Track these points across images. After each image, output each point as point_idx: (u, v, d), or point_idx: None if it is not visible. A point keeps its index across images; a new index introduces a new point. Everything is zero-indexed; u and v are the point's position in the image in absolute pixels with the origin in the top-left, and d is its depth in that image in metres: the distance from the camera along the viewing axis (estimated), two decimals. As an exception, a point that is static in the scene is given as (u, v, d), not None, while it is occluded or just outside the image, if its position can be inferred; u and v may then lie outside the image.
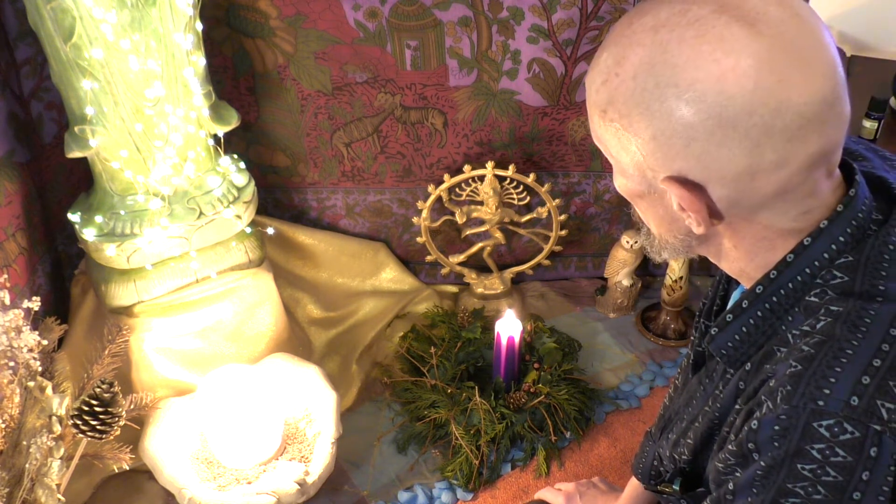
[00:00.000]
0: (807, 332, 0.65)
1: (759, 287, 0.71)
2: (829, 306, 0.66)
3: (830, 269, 0.68)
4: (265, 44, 1.68)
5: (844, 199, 0.69)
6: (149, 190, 1.46)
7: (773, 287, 0.70)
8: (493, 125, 1.79)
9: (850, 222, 0.68)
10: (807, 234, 0.68)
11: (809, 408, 0.60)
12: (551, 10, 1.61)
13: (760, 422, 0.63)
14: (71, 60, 1.30)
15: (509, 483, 1.57)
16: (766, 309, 0.70)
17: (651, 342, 1.91)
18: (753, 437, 0.63)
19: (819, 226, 0.68)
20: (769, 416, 0.62)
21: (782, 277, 0.69)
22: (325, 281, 1.96)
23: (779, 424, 0.62)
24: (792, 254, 0.69)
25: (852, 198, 0.69)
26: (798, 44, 0.61)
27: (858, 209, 0.69)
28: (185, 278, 1.55)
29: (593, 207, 1.95)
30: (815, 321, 0.66)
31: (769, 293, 0.70)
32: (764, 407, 0.63)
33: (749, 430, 0.64)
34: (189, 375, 1.58)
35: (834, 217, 0.68)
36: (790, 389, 0.62)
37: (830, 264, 0.68)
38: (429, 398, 1.66)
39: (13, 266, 1.48)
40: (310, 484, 1.42)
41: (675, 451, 0.84)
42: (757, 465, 0.63)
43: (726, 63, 0.60)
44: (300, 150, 1.84)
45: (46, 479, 1.16)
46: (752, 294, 0.71)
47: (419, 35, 1.65)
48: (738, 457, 0.66)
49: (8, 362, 1.21)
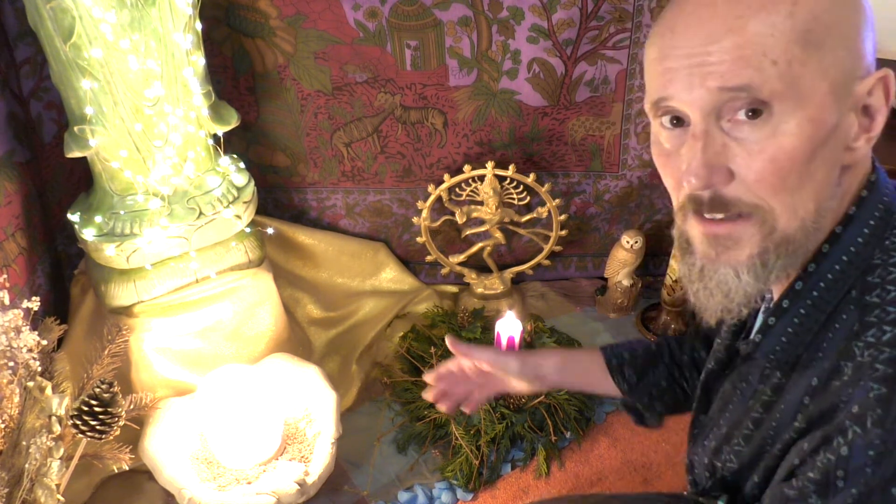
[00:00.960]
0: (872, 344, 0.63)
1: (798, 283, 0.69)
2: (887, 308, 0.64)
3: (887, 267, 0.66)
4: (265, 44, 1.68)
5: (867, 184, 0.69)
6: (148, 190, 1.46)
7: (812, 281, 0.68)
8: (493, 125, 1.79)
9: (877, 206, 0.68)
10: (836, 222, 0.68)
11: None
12: (551, 10, 1.61)
13: (851, 448, 0.60)
14: (71, 60, 1.30)
15: (509, 483, 1.57)
16: (808, 305, 0.69)
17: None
18: (844, 465, 0.60)
19: (847, 212, 0.68)
20: (861, 442, 0.60)
21: (821, 269, 0.68)
22: (325, 281, 1.96)
23: (874, 450, 0.59)
24: (827, 244, 0.68)
25: (874, 182, 0.68)
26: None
27: (883, 192, 0.68)
28: (185, 278, 1.55)
29: (593, 207, 1.95)
30: (879, 331, 0.63)
31: (809, 287, 0.69)
32: (850, 433, 0.61)
33: (838, 458, 0.61)
34: (189, 375, 1.58)
35: (860, 202, 0.68)
36: (881, 413, 0.59)
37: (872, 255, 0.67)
38: (429, 398, 1.66)
39: (13, 266, 1.48)
40: (310, 484, 1.42)
41: (718, 458, 0.81)
42: (847, 493, 0.60)
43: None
44: (300, 150, 1.84)
45: (46, 479, 1.16)
46: (793, 292, 0.70)
47: (419, 35, 1.65)
48: (819, 484, 0.62)
49: (8, 362, 1.21)
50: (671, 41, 0.65)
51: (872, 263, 0.67)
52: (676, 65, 0.65)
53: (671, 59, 0.65)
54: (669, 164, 0.69)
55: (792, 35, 0.61)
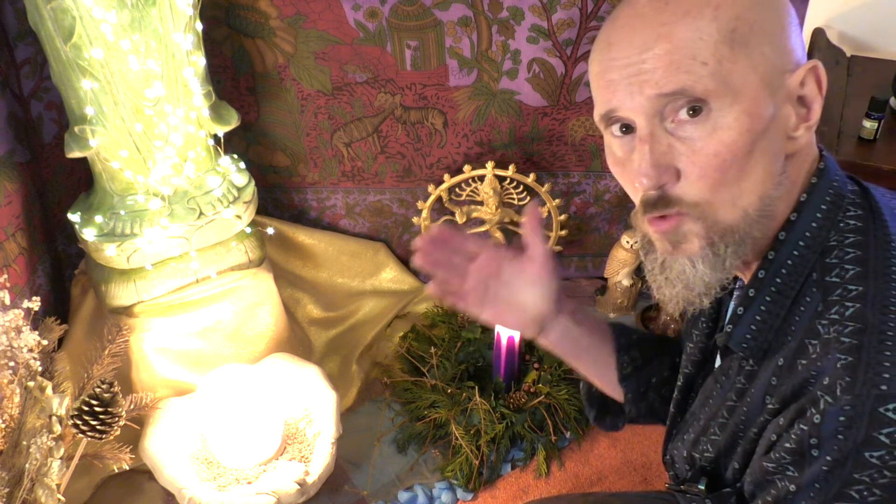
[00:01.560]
0: (836, 321, 0.65)
1: (760, 271, 0.72)
2: (847, 286, 0.66)
3: (843, 247, 0.68)
4: (265, 44, 1.68)
5: (816, 171, 0.72)
6: (149, 190, 1.46)
7: (774, 268, 0.71)
8: (493, 125, 1.79)
9: (828, 191, 0.71)
10: (790, 209, 0.71)
11: (873, 394, 0.61)
12: (551, 10, 1.61)
13: (823, 415, 0.62)
14: (71, 60, 1.30)
15: (509, 483, 1.57)
16: (773, 292, 0.71)
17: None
18: (816, 432, 0.63)
19: (799, 199, 0.71)
20: (832, 409, 0.62)
21: (780, 256, 0.71)
22: (325, 281, 1.96)
23: (844, 415, 0.61)
24: (783, 231, 0.71)
25: (823, 170, 0.72)
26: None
27: (832, 178, 0.72)
28: (185, 278, 1.55)
29: (593, 207, 1.95)
30: (842, 307, 0.66)
31: (772, 274, 0.71)
32: (821, 402, 0.63)
33: (811, 426, 0.63)
34: (189, 375, 1.58)
35: (810, 189, 0.71)
36: (849, 380, 0.62)
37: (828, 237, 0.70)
38: (429, 398, 1.66)
39: (13, 266, 1.48)
40: (310, 484, 1.42)
41: (696, 449, 0.83)
42: (821, 461, 0.63)
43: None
44: (300, 150, 1.84)
45: (46, 479, 1.16)
46: (756, 280, 0.72)
47: (419, 35, 1.65)
48: (794, 454, 0.65)
49: (8, 362, 1.22)
50: (608, 54, 0.70)
51: (829, 245, 0.70)
52: (616, 76, 0.69)
53: (611, 71, 0.69)
54: (624, 172, 0.74)
55: (718, 36, 0.65)
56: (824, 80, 0.70)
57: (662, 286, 0.74)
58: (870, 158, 1.69)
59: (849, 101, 1.87)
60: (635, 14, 0.68)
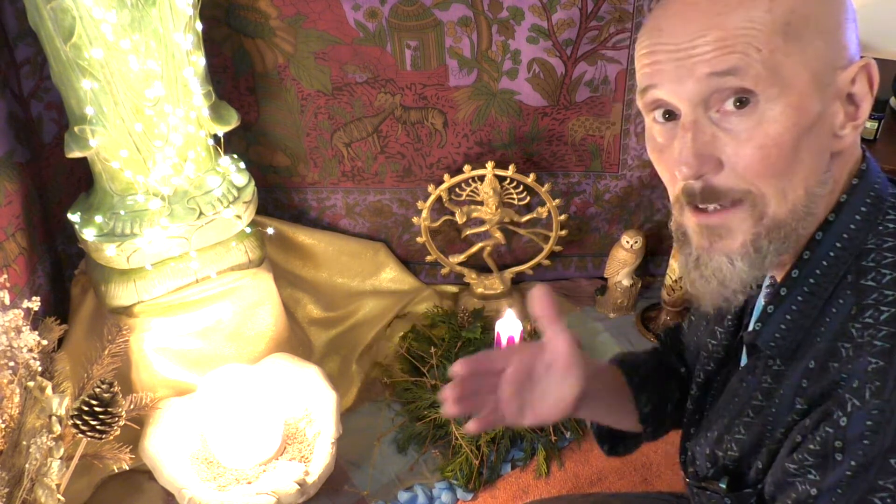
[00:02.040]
0: (870, 325, 0.64)
1: (794, 271, 0.71)
2: (883, 290, 0.65)
3: (881, 251, 0.67)
4: (265, 44, 1.68)
5: (857, 171, 0.70)
6: (149, 190, 1.46)
7: (808, 268, 0.70)
8: (493, 125, 1.79)
9: (868, 193, 0.69)
10: (829, 209, 0.69)
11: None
12: (551, 10, 1.61)
13: (850, 419, 0.61)
14: (71, 60, 1.30)
15: (509, 483, 1.57)
16: (805, 292, 0.70)
17: (651, 342, 1.90)
18: (842, 436, 0.62)
19: (839, 199, 0.69)
20: (860, 413, 0.61)
21: (816, 256, 0.69)
22: (325, 281, 1.96)
23: (871, 420, 0.60)
24: (820, 231, 0.69)
25: (865, 171, 0.70)
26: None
27: (874, 180, 0.70)
28: (185, 278, 1.55)
29: (593, 207, 1.95)
30: (878, 311, 0.64)
31: (806, 275, 0.70)
32: (849, 405, 0.62)
33: (836, 429, 0.62)
34: (189, 375, 1.58)
35: (851, 190, 0.69)
36: (879, 385, 0.61)
37: (866, 240, 0.68)
38: (429, 398, 1.66)
39: (13, 266, 1.48)
40: (310, 484, 1.42)
41: (719, 447, 0.82)
42: (845, 466, 0.62)
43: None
44: (300, 150, 1.84)
45: (46, 479, 1.16)
46: (790, 279, 0.71)
47: (419, 35, 1.65)
48: (819, 456, 0.64)
49: (8, 362, 1.21)
50: (658, 39, 0.68)
51: (866, 248, 0.68)
52: (664, 58, 0.67)
53: (659, 54, 0.68)
54: (663, 158, 0.71)
55: (773, 27, 0.64)
56: (876, 78, 0.68)
57: (696, 282, 0.72)
58: (870, 158, 1.69)
59: (849, 101, 1.87)
60: (688, 3, 0.66)
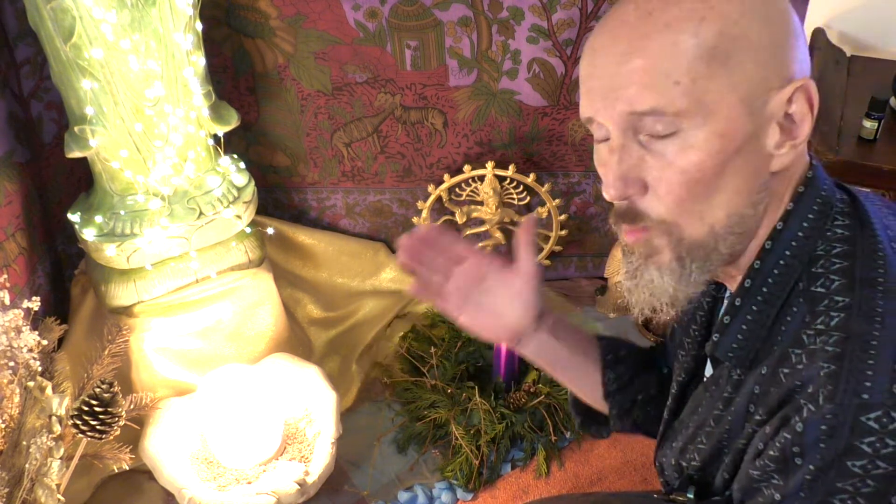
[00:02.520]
0: (822, 331, 0.65)
1: (747, 281, 0.71)
2: (833, 297, 0.66)
3: (829, 258, 0.68)
4: (265, 44, 1.68)
5: (804, 180, 0.71)
6: (149, 190, 1.46)
7: (760, 277, 0.71)
8: (493, 125, 1.79)
9: (815, 199, 0.70)
10: (777, 217, 0.70)
11: (855, 403, 0.60)
12: (551, 10, 1.61)
13: (805, 424, 0.62)
14: (71, 60, 1.30)
15: (509, 483, 1.57)
16: (759, 301, 0.71)
17: (651, 342, 1.91)
18: (799, 441, 0.63)
19: (786, 208, 0.70)
20: (814, 418, 0.62)
21: (766, 266, 0.70)
22: (325, 281, 1.96)
23: (826, 424, 0.61)
24: (769, 240, 0.70)
25: (811, 178, 0.71)
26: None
27: (821, 186, 0.71)
28: (185, 278, 1.55)
29: (593, 207, 1.95)
30: (827, 318, 0.65)
31: (758, 284, 0.71)
32: (804, 410, 0.63)
33: (794, 434, 0.63)
34: (189, 375, 1.58)
35: (798, 198, 0.70)
36: (831, 388, 0.61)
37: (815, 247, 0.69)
38: (429, 398, 1.66)
39: (13, 266, 1.48)
40: (310, 484, 1.42)
41: (683, 457, 0.83)
42: (804, 470, 0.62)
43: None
44: (300, 150, 1.84)
45: (46, 479, 1.16)
46: (742, 289, 0.72)
47: (419, 35, 1.65)
48: (779, 462, 0.65)
49: (8, 362, 1.21)
50: (592, 60, 0.70)
51: (816, 254, 0.69)
52: (596, 85, 0.69)
53: (592, 79, 0.70)
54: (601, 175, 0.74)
55: (697, 52, 0.63)
56: (815, 98, 0.68)
57: (632, 291, 0.74)
58: (870, 158, 1.69)
59: (849, 101, 1.87)
60: (620, 21, 0.67)
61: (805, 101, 0.67)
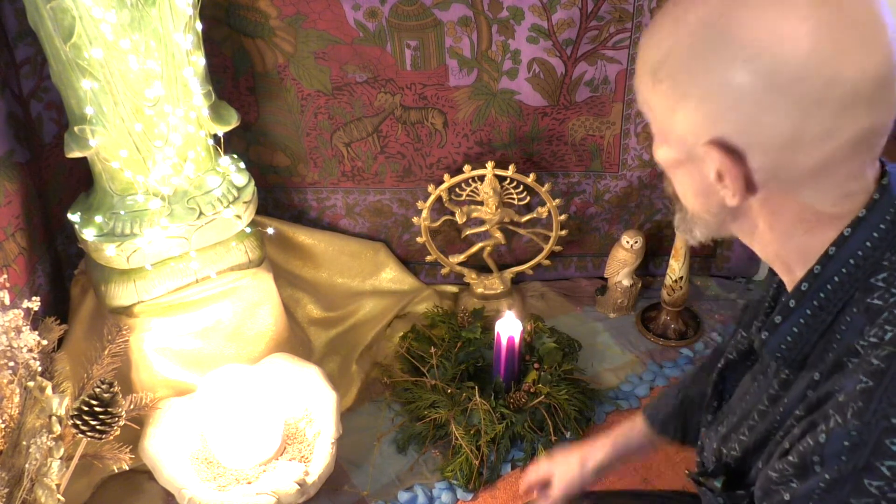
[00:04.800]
0: (876, 344, 0.64)
1: (804, 284, 0.70)
2: (893, 310, 0.64)
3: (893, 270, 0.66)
4: (265, 44, 1.68)
5: (878, 187, 0.68)
6: (149, 190, 1.46)
7: (818, 283, 0.69)
8: (493, 125, 1.79)
9: (889, 209, 0.67)
10: (846, 224, 0.68)
11: (882, 425, 0.60)
12: (551, 10, 1.61)
13: (829, 435, 0.62)
14: (71, 60, 1.30)
15: (509, 483, 1.57)
16: (814, 306, 0.70)
17: (651, 342, 1.90)
18: (820, 451, 0.62)
19: (858, 215, 0.67)
20: (839, 431, 0.61)
21: (826, 271, 0.68)
22: (325, 281, 1.96)
23: (849, 440, 0.61)
24: (833, 246, 0.68)
25: (885, 186, 0.68)
26: (860, 17, 0.61)
27: (895, 196, 0.68)
28: (185, 278, 1.55)
29: (593, 207, 1.95)
30: (882, 331, 0.64)
31: (815, 289, 0.69)
32: (832, 421, 0.62)
33: (816, 443, 0.63)
34: (189, 375, 1.58)
35: (871, 205, 0.67)
36: (862, 406, 0.61)
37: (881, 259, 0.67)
38: (429, 398, 1.66)
39: (13, 266, 1.48)
40: (310, 484, 1.42)
41: (725, 445, 0.82)
42: (819, 478, 0.62)
43: (785, 26, 0.60)
44: (300, 150, 1.84)
45: (46, 479, 1.16)
46: (799, 292, 0.70)
47: (419, 35, 1.65)
48: (798, 468, 0.65)
49: (8, 362, 1.21)
50: None
51: (881, 265, 0.67)
52: None
53: None
54: None
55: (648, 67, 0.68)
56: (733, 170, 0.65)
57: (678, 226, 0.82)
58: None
59: (849, 101, 1.87)
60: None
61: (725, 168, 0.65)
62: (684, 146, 0.68)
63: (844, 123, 0.62)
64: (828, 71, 0.60)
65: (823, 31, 0.60)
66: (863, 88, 0.61)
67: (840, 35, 0.60)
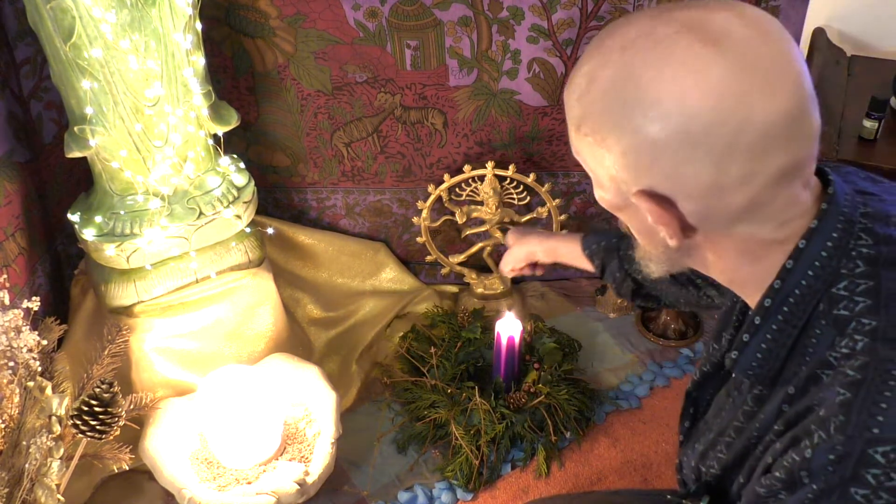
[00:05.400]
0: (849, 355, 0.65)
1: (766, 300, 0.71)
2: (860, 319, 0.65)
3: (854, 278, 0.67)
4: (265, 44, 1.68)
5: (826, 198, 0.70)
6: (148, 190, 1.46)
7: (780, 297, 0.70)
8: (493, 125, 1.79)
9: (839, 217, 0.68)
10: (793, 245, 0.69)
11: (865, 436, 0.61)
12: (551, 10, 1.61)
13: (815, 451, 0.63)
14: (71, 60, 1.30)
15: (509, 483, 1.57)
16: (780, 321, 0.70)
17: (651, 342, 1.90)
18: (807, 465, 0.63)
19: (810, 226, 0.68)
20: (824, 446, 0.63)
21: (787, 285, 0.69)
22: (325, 281, 1.96)
23: (834, 454, 0.62)
24: (791, 259, 0.69)
25: (832, 195, 0.69)
26: (762, 62, 0.62)
27: (842, 204, 0.69)
28: (185, 278, 1.55)
29: (593, 207, 1.95)
30: (853, 341, 0.65)
31: (778, 303, 0.70)
32: (815, 437, 0.63)
33: (802, 459, 0.64)
34: (189, 375, 1.58)
35: (822, 215, 0.69)
36: (843, 420, 0.62)
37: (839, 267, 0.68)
38: (429, 398, 1.66)
39: (13, 266, 1.48)
40: (310, 484, 1.42)
41: (703, 462, 0.83)
42: (808, 489, 0.63)
43: (689, 81, 0.61)
44: (300, 150, 1.84)
45: (46, 479, 1.16)
46: (762, 308, 0.71)
47: (419, 35, 1.65)
48: (786, 483, 0.65)
49: (8, 362, 1.22)
50: None
51: (840, 273, 0.68)
52: None
53: None
54: None
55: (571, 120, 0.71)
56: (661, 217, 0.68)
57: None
58: (870, 158, 1.69)
59: (849, 101, 1.87)
60: None
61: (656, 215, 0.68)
62: (619, 193, 0.70)
63: (763, 164, 0.63)
64: (736, 119, 0.61)
65: (726, 81, 0.61)
66: (773, 129, 0.62)
67: (743, 83, 0.61)
